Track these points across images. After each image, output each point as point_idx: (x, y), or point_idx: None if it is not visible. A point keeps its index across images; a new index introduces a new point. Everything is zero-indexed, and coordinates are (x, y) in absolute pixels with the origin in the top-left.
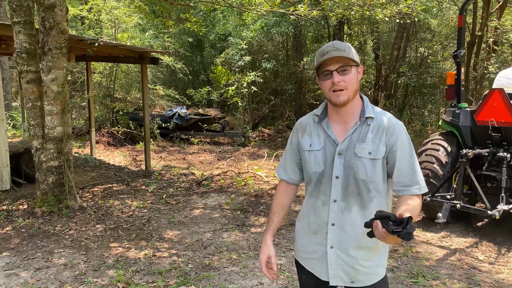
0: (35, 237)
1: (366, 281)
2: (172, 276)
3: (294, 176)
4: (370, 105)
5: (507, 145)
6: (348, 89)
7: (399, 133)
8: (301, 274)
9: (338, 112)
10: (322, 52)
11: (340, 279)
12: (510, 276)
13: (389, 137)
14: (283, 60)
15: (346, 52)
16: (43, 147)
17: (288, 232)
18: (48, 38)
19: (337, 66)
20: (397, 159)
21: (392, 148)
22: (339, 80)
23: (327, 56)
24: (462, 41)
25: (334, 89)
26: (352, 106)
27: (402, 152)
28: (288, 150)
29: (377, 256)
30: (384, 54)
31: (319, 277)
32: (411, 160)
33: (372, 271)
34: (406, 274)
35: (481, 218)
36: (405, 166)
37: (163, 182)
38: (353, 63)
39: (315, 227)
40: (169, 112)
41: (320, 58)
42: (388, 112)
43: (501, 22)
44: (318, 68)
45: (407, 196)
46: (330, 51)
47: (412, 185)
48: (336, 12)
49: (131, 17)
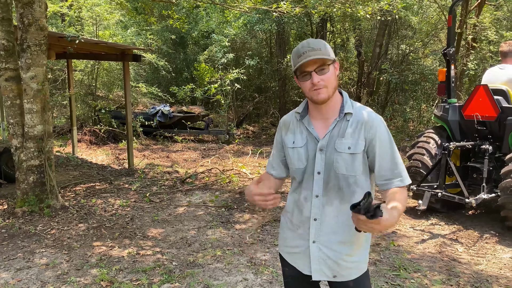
0: (16, 237)
1: (348, 275)
2: (156, 274)
3: (281, 171)
4: (350, 100)
5: (492, 138)
6: (328, 87)
7: (378, 126)
8: (284, 267)
9: (319, 109)
10: (298, 53)
11: (322, 274)
12: (489, 268)
13: (368, 131)
14: (267, 58)
15: (322, 52)
16: (23, 146)
17: (272, 228)
18: (27, 35)
19: (315, 67)
20: (377, 153)
21: (371, 142)
22: (319, 80)
23: (304, 57)
24: (452, 39)
25: (314, 89)
26: (332, 103)
27: (381, 146)
28: (274, 147)
29: (359, 251)
30: (366, 51)
31: (301, 271)
32: (392, 153)
33: (355, 266)
34: (388, 268)
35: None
36: (385, 159)
37: (147, 180)
38: (330, 61)
39: (298, 222)
40: (152, 110)
41: (297, 60)
42: (371, 108)
43: (479, 19)
44: (295, 69)
45: (392, 190)
46: (306, 51)
47: (394, 178)
48: (318, 9)
49: (113, 14)
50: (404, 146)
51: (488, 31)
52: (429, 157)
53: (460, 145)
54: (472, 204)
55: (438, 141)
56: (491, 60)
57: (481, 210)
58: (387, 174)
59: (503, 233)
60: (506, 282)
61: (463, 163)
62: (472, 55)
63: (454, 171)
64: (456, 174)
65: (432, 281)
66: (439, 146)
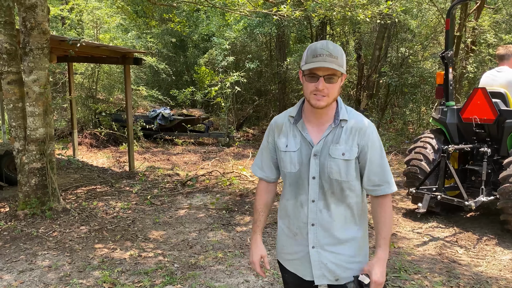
0: (18, 240)
1: (350, 277)
2: (158, 276)
3: (271, 173)
4: (344, 106)
5: (490, 141)
6: (330, 97)
7: (370, 133)
8: (284, 273)
9: (314, 112)
10: (315, 52)
11: (324, 278)
12: (488, 269)
13: (361, 138)
14: (267, 61)
15: (338, 61)
16: (25, 148)
17: (273, 230)
18: (29, 38)
19: (326, 73)
20: (368, 160)
21: (363, 149)
22: (324, 87)
23: (320, 60)
24: (450, 43)
25: (316, 93)
26: (328, 109)
27: (372, 153)
28: (264, 148)
29: (359, 252)
30: (366, 54)
31: (303, 277)
32: (381, 161)
33: (355, 267)
34: (389, 269)
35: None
36: (375, 166)
37: (147, 183)
38: (341, 73)
39: (295, 229)
40: (152, 113)
41: (312, 59)
42: (370, 111)
43: (478, 22)
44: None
45: (379, 202)
46: (324, 54)
47: (382, 184)
48: (318, 12)
49: (113, 18)
50: (404, 148)
51: (487, 34)
52: (426, 162)
53: (459, 148)
54: (472, 206)
55: (435, 146)
56: (490, 63)
57: (480, 212)
58: (376, 180)
59: (502, 235)
60: (505, 283)
61: (461, 165)
62: (471, 58)
63: (453, 173)
64: (455, 177)
65: (432, 283)
66: (436, 150)
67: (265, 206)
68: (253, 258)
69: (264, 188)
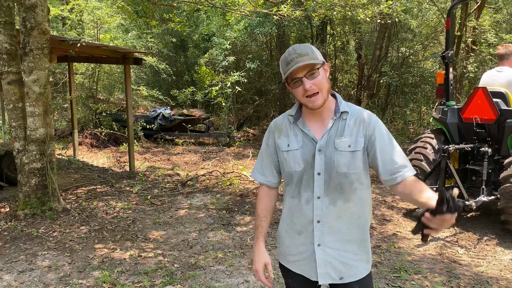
0: (18, 240)
1: (354, 275)
2: (158, 276)
3: (272, 178)
4: (344, 101)
5: (491, 141)
6: (322, 91)
7: (375, 122)
8: (287, 278)
9: (313, 112)
10: (286, 60)
11: (328, 277)
12: (489, 269)
13: (367, 127)
14: (267, 60)
15: (310, 56)
16: (25, 149)
17: (273, 230)
18: (29, 38)
19: (305, 72)
20: (378, 149)
21: (370, 139)
22: (310, 85)
23: (293, 65)
24: (450, 42)
25: (307, 95)
26: (327, 104)
27: (381, 141)
28: (263, 151)
29: (364, 250)
30: (366, 54)
31: (309, 278)
32: (391, 147)
33: (360, 265)
34: (389, 269)
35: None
36: (387, 153)
37: (148, 183)
38: (319, 64)
39: (299, 227)
40: (153, 113)
41: (286, 68)
42: (371, 111)
43: (479, 22)
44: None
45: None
46: (294, 58)
47: (402, 169)
48: (318, 12)
49: (114, 18)
50: (405, 148)
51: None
52: (426, 162)
53: (460, 148)
54: (472, 206)
55: (435, 146)
56: (491, 63)
57: (481, 212)
58: (393, 167)
59: (503, 235)
60: (506, 283)
61: (461, 165)
62: (472, 57)
63: (454, 173)
64: (456, 177)
65: (432, 283)
66: (436, 150)
67: (267, 212)
68: (256, 266)
69: (266, 193)
